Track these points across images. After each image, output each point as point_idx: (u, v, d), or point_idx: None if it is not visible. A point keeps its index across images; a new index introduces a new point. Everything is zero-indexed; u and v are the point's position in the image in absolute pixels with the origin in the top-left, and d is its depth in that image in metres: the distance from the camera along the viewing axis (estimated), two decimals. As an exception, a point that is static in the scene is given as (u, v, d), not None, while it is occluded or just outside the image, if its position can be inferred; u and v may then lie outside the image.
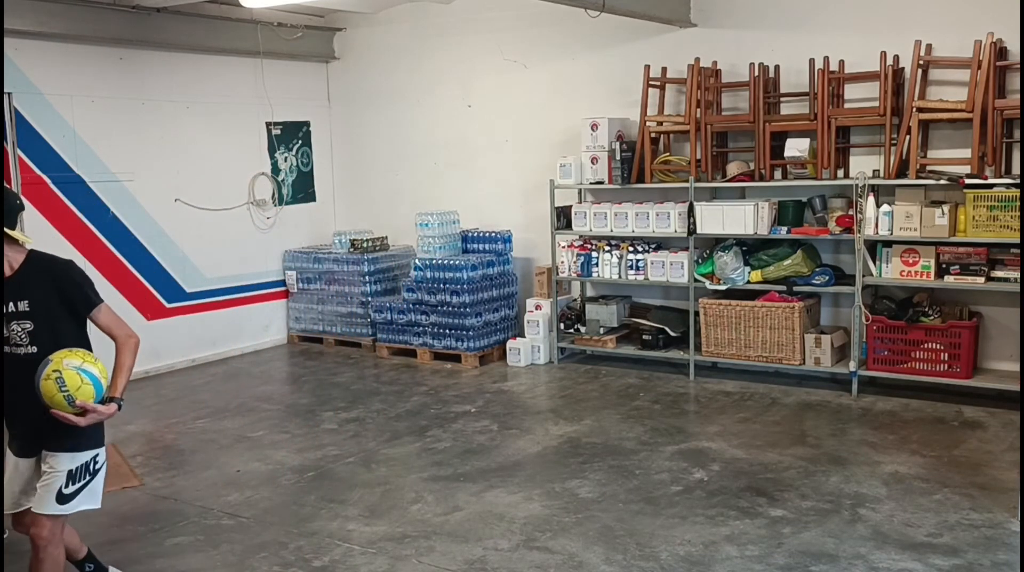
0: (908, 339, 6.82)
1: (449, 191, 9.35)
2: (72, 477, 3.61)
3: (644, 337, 7.94)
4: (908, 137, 6.72)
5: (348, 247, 9.33)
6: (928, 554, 4.36)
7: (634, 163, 7.79)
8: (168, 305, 8.73)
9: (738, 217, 7.24)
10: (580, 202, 8.36)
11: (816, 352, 7.14)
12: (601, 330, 8.17)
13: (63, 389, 3.39)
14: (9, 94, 7.45)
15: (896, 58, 6.90)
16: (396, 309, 8.81)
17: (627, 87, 8.07)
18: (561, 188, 8.17)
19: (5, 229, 3.51)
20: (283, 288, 9.77)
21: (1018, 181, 6.30)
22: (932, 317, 6.78)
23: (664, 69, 7.87)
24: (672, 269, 7.69)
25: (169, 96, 8.64)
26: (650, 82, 7.73)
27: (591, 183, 8.02)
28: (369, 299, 9.10)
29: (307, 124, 9.98)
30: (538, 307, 8.48)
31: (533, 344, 8.43)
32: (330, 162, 10.22)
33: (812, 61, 7.15)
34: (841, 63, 7.14)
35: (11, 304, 3.56)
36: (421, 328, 8.65)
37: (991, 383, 6.70)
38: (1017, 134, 6.65)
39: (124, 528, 5.04)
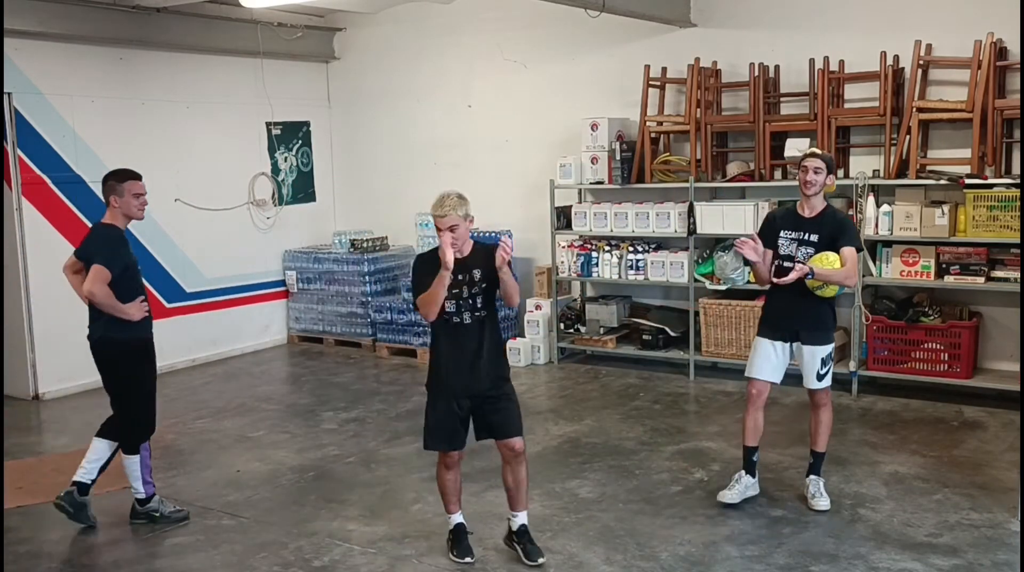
0: (908, 339, 6.82)
1: (449, 191, 9.32)
2: (823, 362, 4.83)
3: (644, 337, 7.94)
4: (908, 137, 6.72)
5: (348, 247, 9.32)
6: (928, 554, 4.36)
7: (634, 163, 7.79)
8: (168, 305, 8.71)
9: (738, 217, 7.23)
10: (580, 202, 8.36)
11: (816, 352, 7.14)
12: (601, 330, 8.17)
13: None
14: (9, 94, 7.46)
15: (896, 58, 6.90)
16: (396, 309, 8.80)
17: (627, 87, 8.07)
18: (561, 188, 8.17)
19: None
20: (283, 288, 9.76)
21: (1018, 181, 6.30)
22: (932, 317, 6.78)
23: (664, 69, 7.87)
24: (672, 269, 7.69)
25: (169, 96, 8.63)
26: (650, 82, 7.73)
27: (591, 183, 8.02)
28: (369, 299, 9.09)
29: (307, 124, 9.98)
30: (538, 307, 8.47)
31: (533, 344, 8.43)
32: (330, 162, 10.22)
33: (812, 61, 7.15)
34: (841, 63, 7.14)
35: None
36: (421, 328, 8.64)
37: (991, 383, 6.70)
38: (1017, 134, 6.65)
39: (124, 528, 5.04)
